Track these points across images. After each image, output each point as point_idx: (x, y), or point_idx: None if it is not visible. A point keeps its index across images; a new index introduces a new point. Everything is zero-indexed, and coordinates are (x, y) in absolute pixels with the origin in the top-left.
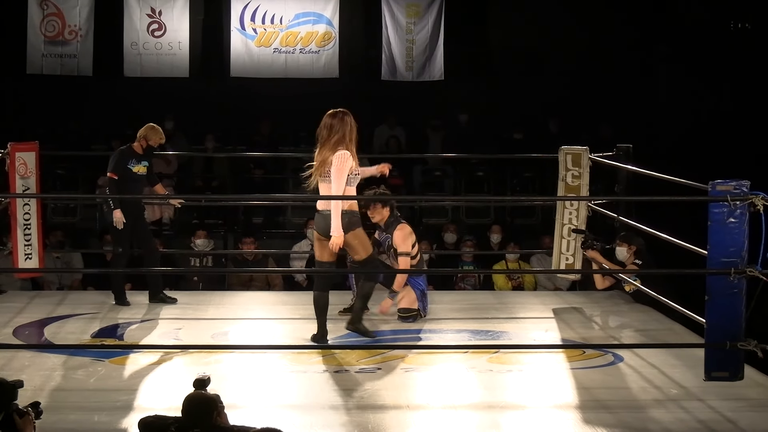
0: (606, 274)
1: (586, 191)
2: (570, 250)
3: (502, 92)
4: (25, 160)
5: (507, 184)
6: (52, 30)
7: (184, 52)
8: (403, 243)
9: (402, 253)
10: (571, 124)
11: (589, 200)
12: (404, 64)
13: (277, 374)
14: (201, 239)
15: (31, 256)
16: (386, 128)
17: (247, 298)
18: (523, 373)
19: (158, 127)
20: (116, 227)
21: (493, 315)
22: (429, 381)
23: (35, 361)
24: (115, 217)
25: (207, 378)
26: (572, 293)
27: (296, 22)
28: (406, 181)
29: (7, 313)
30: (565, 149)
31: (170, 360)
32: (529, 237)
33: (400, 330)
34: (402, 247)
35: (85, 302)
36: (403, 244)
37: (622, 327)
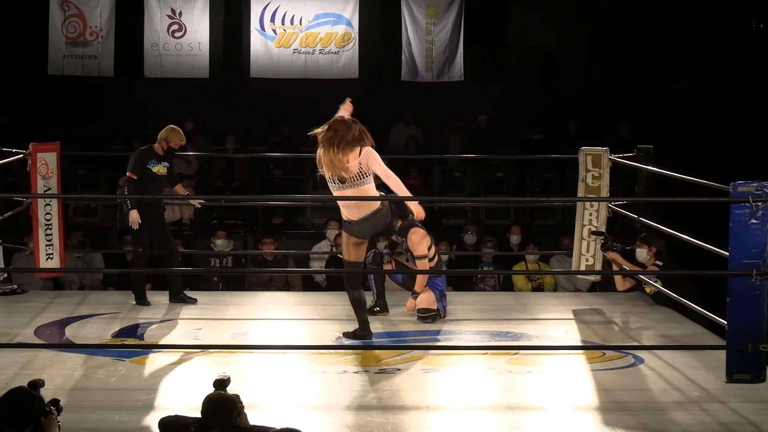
0: (626, 276)
1: (606, 192)
2: (590, 251)
3: (522, 93)
4: (47, 160)
5: (527, 184)
6: (74, 31)
7: (204, 52)
8: (418, 246)
9: (419, 256)
10: (591, 125)
11: (609, 201)
12: (424, 64)
13: (296, 375)
14: (221, 240)
15: (52, 256)
16: (403, 127)
17: (267, 298)
18: (543, 374)
19: (179, 128)
20: (137, 228)
21: (512, 316)
22: (448, 382)
23: (56, 360)
24: (131, 218)
25: (227, 378)
26: (592, 294)
27: (316, 23)
28: (426, 181)
29: (28, 313)
30: (585, 150)
31: (190, 360)
32: (549, 238)
33: (420, 331)
34: (418, 250)
35: (106, 302)
36: (418, 247)
37: (642, 328)
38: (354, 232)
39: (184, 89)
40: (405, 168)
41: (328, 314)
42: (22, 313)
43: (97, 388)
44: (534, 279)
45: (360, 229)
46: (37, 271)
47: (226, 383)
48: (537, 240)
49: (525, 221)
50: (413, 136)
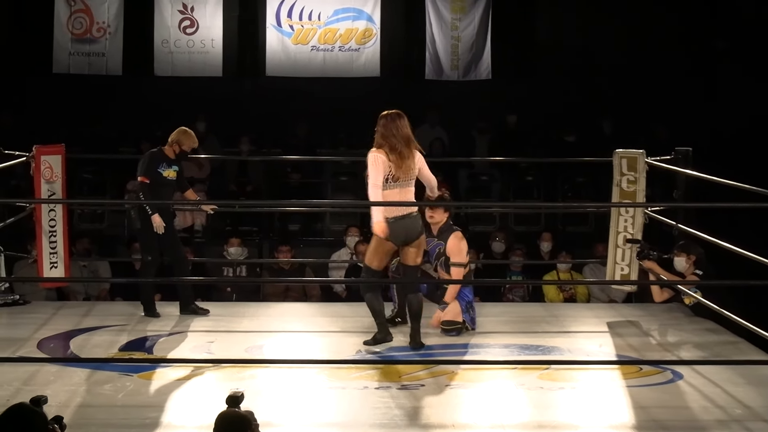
0: (664, 286)
1: (643, 197)
2: (625, 259)
3: (553, 92)
4: (51, 163)
5: (558, 189)
6: (80, 27)
7: (217, 50)
8: (458, 252)
9: (456, 263)
10: (626, 126)
11: (645, 207)
12: (449, 62)
13: (314, 390)
14: (234, 247)
15: (56, 265)
16: (428, 128)
17: (283, 309)
18: (576, 390)
19: (191, 131)
20: (143, 234)
21: (543, 329)
22: (475, 398)
23: (60, 375)
24: (155, 223)
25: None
26: (628, 306)
27: (335, 19)
28: (451, 185)
29: (31, 325)
30: (620, 152)
31: (202, 375)
32: (582, 246)
33: (446, 344)
34: (456, 256)
35: (113, 314)
36: (458, 253)
37: (681, 342)
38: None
39: (196, 88)
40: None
41: (348, 326)
42: (25, 325)
43: (104, 405)
44: (566, 289)
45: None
46: (40, 281)
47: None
48: (569, 248)
49: (556, 228)
50: (438, 138)
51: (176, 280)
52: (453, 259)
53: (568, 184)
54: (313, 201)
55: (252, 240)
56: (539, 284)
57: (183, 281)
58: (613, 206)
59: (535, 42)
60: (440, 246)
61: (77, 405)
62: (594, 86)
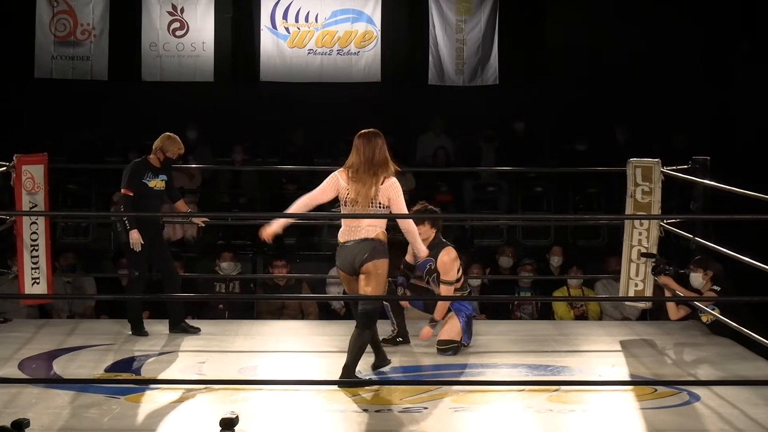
0: (680, 303)
1: (658, 209)
2: (639, 275)
3: (563, 98)
4: (33, 173)
5: (569, 200)
6: (63, 29)
7: (208, 53)
8: (449, 269)
9: (445, 281)
10: (641, 133)
11: (661, 219)
12: (454, 67)
13: (312, 413)
14: (227, 262)
15: (38, 281)
16: (432, 136)
17: (279, 327)
18: (587, 413)
19: (176, 136)
20: (132, 249)
21: (553, 347)
22: (481, 421)
23: (43, 397)
24: (132, 239)
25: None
26: (642, 323)
27: (333, 20)
28: (456, 197)
29: (12, 344)
30: (635, 162)
31: (193, 397)
32: (594, 260)
33: (448, 364)
34: (446, 274)
35: (99, 332)
36: (449, 270)
37: (698, 362)
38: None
39: (187, 94)
40: (434, 182)
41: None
42: (5, 344)
43: (89, 429)
44: (577, 306)
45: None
46: (21, 297)
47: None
48: (580, 263)
49: (567, 241)
50: (442, 147)
51: (165, 296)
52: (443, 276)
53: (580, 195)
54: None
55: (245, 254)
56: (549, 301)
57: (173, 298)
58: (627, 218)
59: (545, 45)
60: (430, 262)
61: (61, 429)
62: (607, 92)
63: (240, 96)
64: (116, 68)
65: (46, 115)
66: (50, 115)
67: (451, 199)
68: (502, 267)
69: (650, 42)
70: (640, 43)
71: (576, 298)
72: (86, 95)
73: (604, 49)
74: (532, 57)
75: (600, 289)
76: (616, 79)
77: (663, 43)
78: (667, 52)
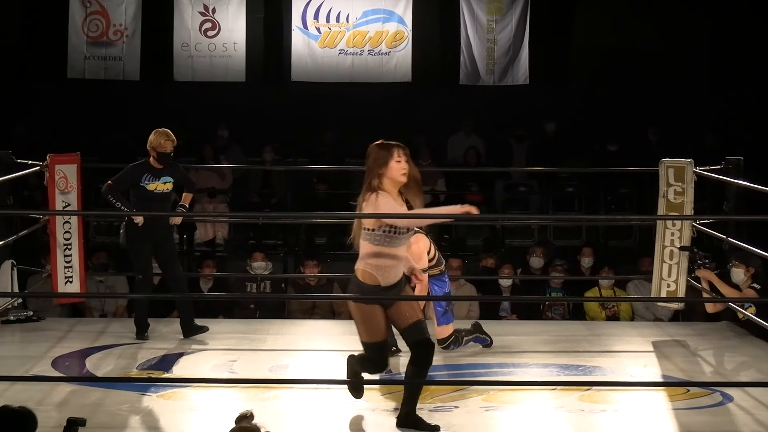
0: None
1: (691, 209)
2: (672, 275)
3: (594, 98)
4: (66, 173)
5: (600, 201)
6: (96, 30)
7: (240, 53)
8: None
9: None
10: (673, 134)
11: (693, 219)
12: (485, 66)
13: (341, 412)
14: (258, 262)
15: (71, 280)
16: (463, 136)
17: (309, 327)
18: (619, 413)
19: (164, 130)
20: (132, 250)
21: (584, 348)
22: (512, 421)
23: (76, 395)
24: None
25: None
26: (674, 324)
27: (364, 21)
28: (487, 197)
29: (45, 343)
30: (667, 162)
31: (224, 395)
32: (626, 261)
33: (480, 363)
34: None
35: (131, 331)
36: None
37: (731, 362)
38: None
39: (218, 94)
40: (465, 182)
41: None
42: (39, 342)
43: (121, 426)
44: (608, 307)
45: None
46: (54, 296)
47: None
48: (612, 263)
49: (598, 242)
50: (473, 147)
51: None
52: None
53: (611, 195)
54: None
55: (276, 254)
56: (580, 301)
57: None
58: (659, 219)
59: (576, 45)
60: None
61: (93, 426)
62: (639, 92)
63: (271, 96)
64: (148, 68)
65: (79, 115)
66: (83, 115)
67: (482, 199)
68: (532, 267)
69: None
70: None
71: (608, 298)
72: (118, 95)
73: (635, 49)
74: (562, 57)
75: (632, 290)
76: (648, 79)
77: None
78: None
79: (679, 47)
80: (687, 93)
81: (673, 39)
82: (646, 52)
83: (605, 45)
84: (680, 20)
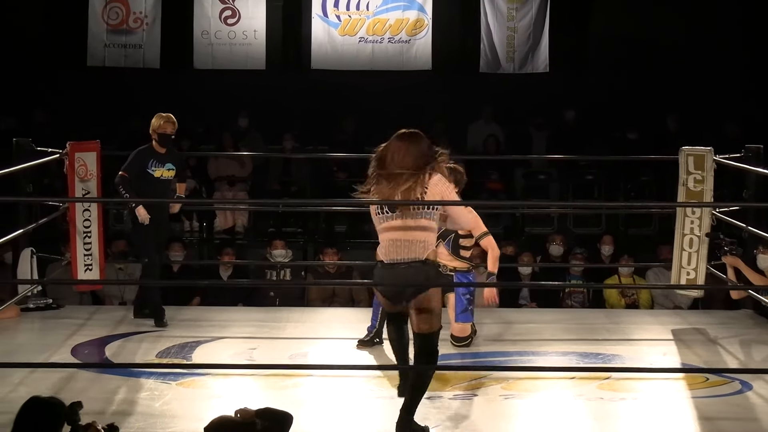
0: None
1: (710, 197)
2: (691, 263)
3: (614, 86)
4: (85, 161)
5: (620, 189)
6: (116, 17)
7: (260, 41)
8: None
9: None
10: (693, 122)
11: (713, 207)
12: (505, 54)
13: (361, 400)
14: (278, 250)
15: (91, 267)
16: (482, 124)
17: (329, 315)
18: (638, 401)
19: (166, 114)
20: (136, 235)
21: (603, 336)
22: (531, 409)
23: (95, 382)
24: (140, 215)
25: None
26: (694, 312)
27: (384, 8)
28: (507, 185)
29: (65, 330)
30: (686, 150)
31: (243, 383)
32: (645, 249)
33: (499, 351)
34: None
35: (150, 318)
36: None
37: (751, 351)
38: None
39: (238, 82)
40: (484, 170)
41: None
42: (58, 330)
43: (140, 413)
44: (628, 294)
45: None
46: (74, 284)
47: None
48: (631, 251)
49: (618, 230)
50: (493, 135)
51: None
52: (475, 232)
53: (631, 183)
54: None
55: (296, 242)
56: (600, 288)
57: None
58: (679, 206)
59: (596, 33)
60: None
61: (112, 413)
62: (658, 80)
63: (291, 84)
64: (168, 56)
65: (99, 102)
66: (102, 102)
67: (501, 187)
68: (552, 255)
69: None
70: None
71: (627, 285)
72: (138, 83)
73: (656, 36)
74: (582, 45)
75: (651, 278)
76: (668, 66)
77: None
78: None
79: (699, 34)
80: (707, 81)
81: (693, 26)
82: (666, 39)
83: (625, 33)
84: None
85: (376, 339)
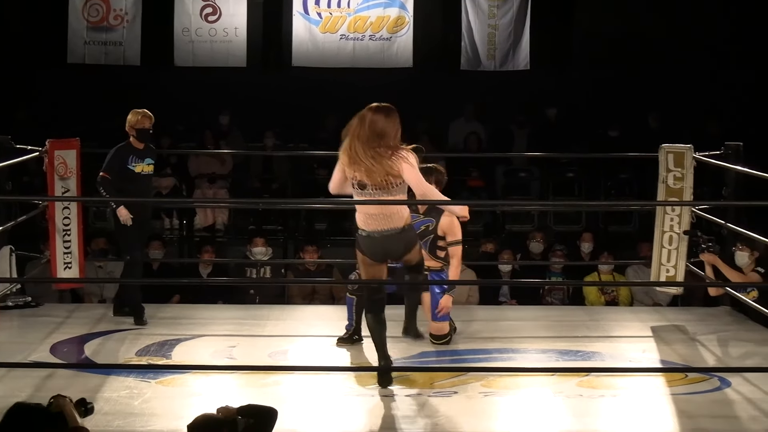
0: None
1: (690, 195)
2: (671, 260)
3: (595, 84)
4: (65, 159)
5: (600, 186)
6: (96, 15)
7: (241, 39)
8: (455, 229)
9: (454, 242)
10: (673, 119)
11: (693, 205)
12: (486, 52)
13: (341, 398)
14: (258, 247)
15: (70, 265)
16: (463, 122)
17: (309, 312)
18: (618, 398)
19: (141, 109)
20: (120, 233)
21: (583, 333)
22: (511, 407)
23: (74, 381)
24: (122, 215)
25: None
26: (673, 309)
27: (365, 6)
28: (488, 182)
29: (43, 328)
30: (666, 148)
31: (224, 381)
32: (625, 246)
33: (479, 349)
34: (455, 235)
35: (129, 316)
36: (455, 230)
37: (730, 348)
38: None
39: (219, 80)
40: (465, 167)
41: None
42: (37, 328)
43: (120, 412)
44: (608, 292)
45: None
46: (53, 282)
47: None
48: (611, 248)
49: (598, 227)
50: (474, 132)
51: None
52: (450, 237)
53: (611, 181)
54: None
55: (277, 239)
56: (579, 286)
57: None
58: (659, 204)
59: (576, 31)
60: (428, 223)
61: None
62: (640, 78)
63: (272, 81)
64: (149, 54)
65: (79, 100)
66: (83, 100)
67: (482, 184)
68: (532, 252)
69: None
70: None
71: (607, 283)
72: (119, 80)
73: (637, 34)
74: (564, 43)
75: (631, 275)
76: (649, 64)
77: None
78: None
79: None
80: (688, 79)
81: (674, 25)
82: (648, 38)
83: (607, 31)
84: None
85: (355, 336)
